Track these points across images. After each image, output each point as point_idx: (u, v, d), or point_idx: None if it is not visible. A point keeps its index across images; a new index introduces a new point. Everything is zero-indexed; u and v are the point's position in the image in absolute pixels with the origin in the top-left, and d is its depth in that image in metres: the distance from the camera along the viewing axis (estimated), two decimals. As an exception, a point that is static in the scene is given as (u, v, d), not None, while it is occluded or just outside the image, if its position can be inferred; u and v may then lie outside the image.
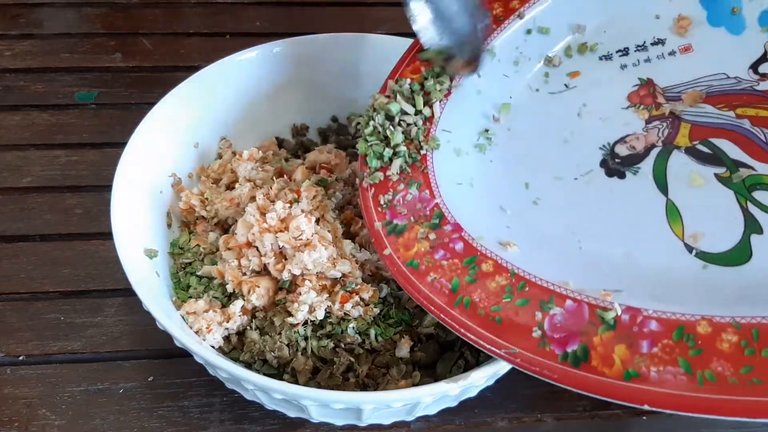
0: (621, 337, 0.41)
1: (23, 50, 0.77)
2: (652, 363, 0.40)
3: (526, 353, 0.42)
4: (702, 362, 0.39)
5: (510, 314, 0.44)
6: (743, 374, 0.38)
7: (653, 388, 0.39)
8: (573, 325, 0.42)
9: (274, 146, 0.62)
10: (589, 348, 0.41)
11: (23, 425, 0.50)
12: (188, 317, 0.49)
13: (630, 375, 0.40)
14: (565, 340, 0.42)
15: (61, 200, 0.64)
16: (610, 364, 0.41)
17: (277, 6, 0.85)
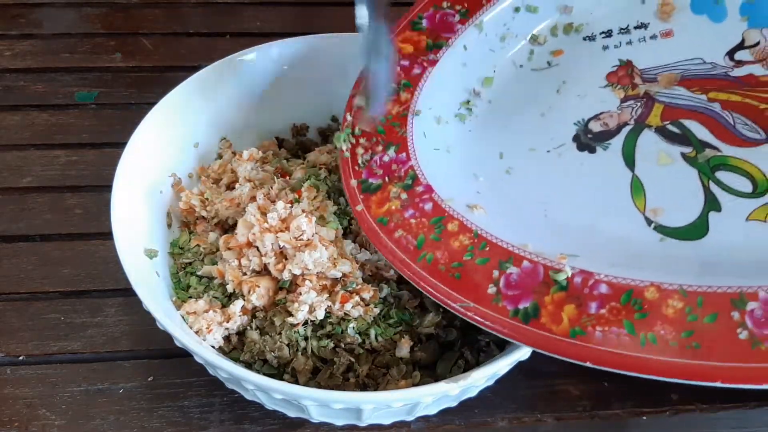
0: (571, 298, 0.43)
1: (23, 50, 0.77)
2: (598, 323, 0.42)
3: (480, 308, 0.44)
4: (646, 325, 0.41)
5: (469, 271, 0.46)
6: (684, 338, 0.40)
7: (597, 347, 0.41)
8: (527, 285, 0.44)
9: (274, 146, 0.62)
10: (539, 306, 0.43)
11: (23, 425, 0.50)
12: (188, 317, 0.49)
13: (576, 333, 0.42)
14: (518, 298, 0.44)
15: (61, 200, 0.64)
16: (558, 322, 0.42)
17: (277, 6, 0.85)
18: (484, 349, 0.49)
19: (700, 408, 0.53)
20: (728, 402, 0.53)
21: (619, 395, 0.53)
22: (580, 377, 0.54)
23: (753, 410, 0.53)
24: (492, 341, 0.50)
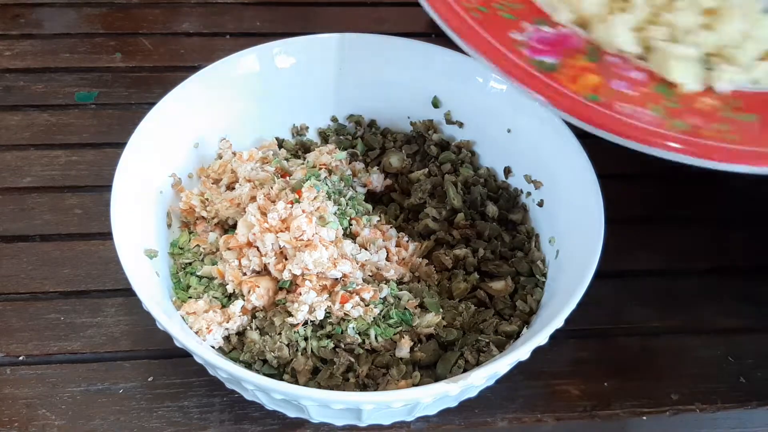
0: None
1: (23, 50, 0.77)
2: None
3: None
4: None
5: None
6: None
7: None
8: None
9: (274, 146, 0.62)
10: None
11: (23, 425, 0.50)
12: (188, 317, 0.49)
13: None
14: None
15: (61, 200, 0.64)
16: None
17: (277, 6, 0.85)
18: (483, 349, 0.49)
19: (700, 408, 0.53)
20: (728, 402, 0.53)
21: (619, 395, 0.53)
22: (580, 377, 0.54)
23: (753, 410, 0.53)
24: (492, 341, 0.50)
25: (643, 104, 0.43)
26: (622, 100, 0.43)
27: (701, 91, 0.43)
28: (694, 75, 0.43)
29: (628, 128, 0.42)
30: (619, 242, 0.52)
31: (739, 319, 0.58)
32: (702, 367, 0.55)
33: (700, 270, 0.61)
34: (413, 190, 0.59)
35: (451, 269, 0.54)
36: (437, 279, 0.54)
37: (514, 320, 0.51)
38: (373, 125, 0.65)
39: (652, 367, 0.55)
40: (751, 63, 0.43)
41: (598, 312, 0.57)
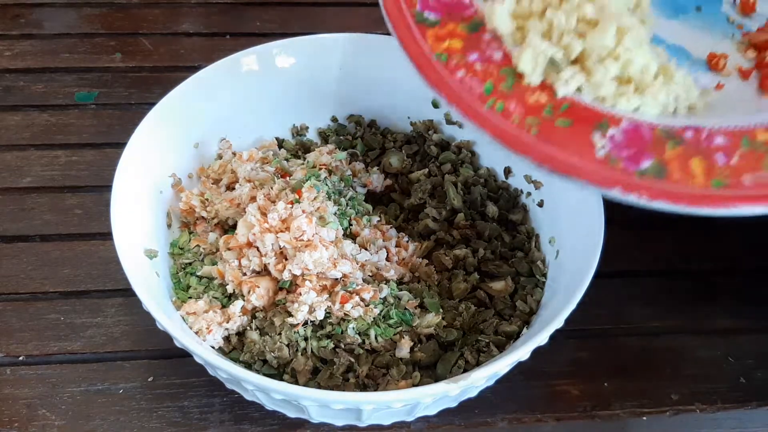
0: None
1: (23, 50, 0.77)
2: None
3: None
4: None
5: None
6: None
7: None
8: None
9: (274, 146, 0.62)
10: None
11: (23, 425, 0.50)
12: (188, 318, 0.49)
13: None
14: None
15: (60, 200, 0.64)
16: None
17: (276, 6, 0.85)
18: (483, 349, 0.49)
19: (700, 408, 0.53)
20: (729, 402, 0.53)
21: (619, 395, 0.53)
22: (580, 377, 0.54)
23: (753, 410, 0.53)
24: (492, 342, 0.50)
25: (482, 79, 0.44)
26: (466, 69, 0.44)
27: (539, 85, 0.45)
28: (538, 70, 0.44)
29: (450, 91, 0.43)
30: (619, 242, 0.52)
31: (739, 319, 0.58)
32: (702, 368, 0.55)
33: (701, 270, 0.61)
34: (413, 190, 0.59)
35: (451, 269, 0.54)
36: (437, 279, 0.54)
37: (514, 320, 0.51)
38: (373, 125, 0.65)
39: (652, 368, 0.55)
40: (604, 81, 0.44)
41: (598, 312, 0.57)
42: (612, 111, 0.44)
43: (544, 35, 0.46)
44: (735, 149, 0.41)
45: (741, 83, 0.48)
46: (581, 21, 0.45)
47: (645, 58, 0.45)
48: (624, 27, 0.44)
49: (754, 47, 0.50)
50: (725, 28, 0.51)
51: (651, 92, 0.44)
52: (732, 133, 0.42)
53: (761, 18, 0.52)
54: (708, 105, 0.46)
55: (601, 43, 0.44)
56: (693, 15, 0.51)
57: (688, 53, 0.50)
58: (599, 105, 0.44)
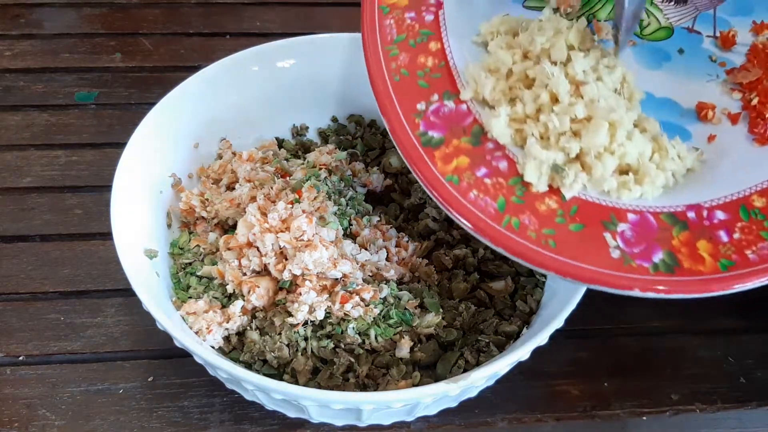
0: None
1: (23, 50, 0.77)
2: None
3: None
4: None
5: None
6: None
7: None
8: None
9: (274, 146, 0.62)
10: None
11: (23, 425, 0.50)
12: (188, 318, 0.49)
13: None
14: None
15: (60, 200, 0.64)
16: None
17: (277, 6, 0.85)
18: (483, 349, 0.49)
19: (700, 408, 0.53)
20: (729, 402, 0.53)
21: (619, 395, 0.53)
22: (580, 377, 0.54)
23: (753, 410, 0.53)
24: (492, 341, 0.50)
25: (494, 195, 0.46)
26: (477, 188, 0.47)
27: (548, 191, 0.47)
28: (543, 179, 0.47)
29: (470, 216, 0.46)
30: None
31: (739, 319, 0.58)
32: (702, 368, 0.55)
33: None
34: (413, 190, 0.59)
35: (451, 269, 0.54)
36: (437, 279, 0.54)
37: (514, 320, 0.51)
38: (373, 125, 0.65)
39: (652, 367, 0.55)
40: (605, 177, 0.47)
41: (598, 312, 0.57)
42: (617, 203, 0.47)
43: (542, 137, 0.48)
44: (735, 223, 0.45)
45: (732, 129, 0.51)
46: (574, 121, 0.47)
47: (639, 146, 0.47)
48: (615, 121, 0.47)
49: (738, 86, 0.52)
50: (709, 68, 0.53)
51: (649, 180, 0.47)
52: (730, 205, 0.46)
53: (742, 49, 0.53)
54: (704, 162, 0.49)
55: (595, 142, 0.46)
56: (676, 60, 0.53)
57: (677, 105, 0.52)
58: (605, 199, 0.47)
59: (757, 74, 0.51)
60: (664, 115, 0.51)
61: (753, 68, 0.52)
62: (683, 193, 0.47)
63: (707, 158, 0.49)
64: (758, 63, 0.52)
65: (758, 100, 0.50)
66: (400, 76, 0.50)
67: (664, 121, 0.50)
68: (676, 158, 0.48)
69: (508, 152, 0.48)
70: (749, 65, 0.52)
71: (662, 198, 0.47)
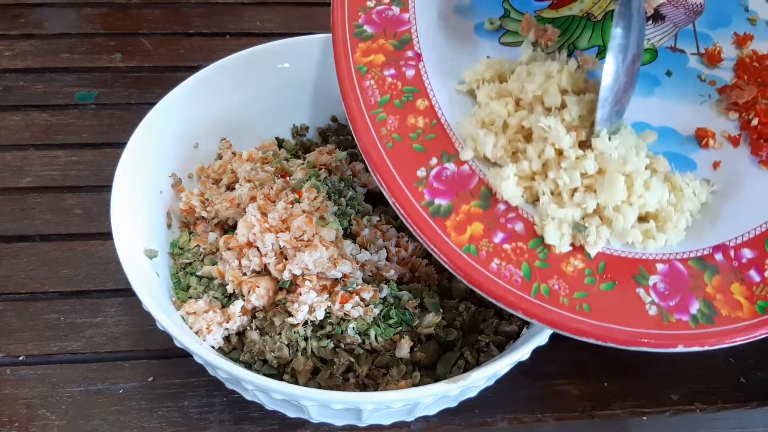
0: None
1: (23, 50, 0.77)
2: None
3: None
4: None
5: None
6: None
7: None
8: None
9: (274, 146, 0.62)
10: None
11: (23, 425, 0.50)
12: (188, 317, 0.49)
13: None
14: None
15: (60, 200, 0.64)
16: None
17: (277, 6, 0.85)
18: (484, 349, 0.49)
19: (700, 408, 0.53)
20: (729, 402, 0.53)
21: (619, 395, 0.53)
22: (580, 377, 0.54)
23: (753, 411, 0.53)
24: (492, 341, 0.50)
25: (516, 262, 0.44)
26: (498, 256, 0.44)
27: (571, 250, 0.45)
28: (565, 239, 0.45)
29: (497, 289, 0.43)
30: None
31: (739, 319, 0.58)
32: (702, 368, 0.55)
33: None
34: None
35: (451, 269, 0.54)
36: (437, 279, 0.54)
37: (514, 320, 0.51)
38: (373, 125, 0.65)
39: (652, 368, 0.55)
40: (627, 229, 0.45)
41: (598, 312, 0.57)
42: (644, 255, 0.45)
43: (553, 193, 0.46)
44: (764, 259, 0.44)
45: (734, 152, 0.49)
46: (585, 176, 0.46)
47: (657, 193, 0.46)
48: (631, 173, 0.45)
49: (735, 106, 0.51)
50: (699, 88, 0.52)
51: (672, 225, 0.46)
52: (754, 242, 0.45)
53: (728, 64, 0.52)
54: (715, 193, 0.48)
55: (614, 197, 0.45)
56: (665, 84, 0.52)
57: (676, 133, 0.51)
58: (631, 251, 0.45)
59: (751, 93, 0.50)
60: (665, 145, 0.49)
61: (746, 86, 0.51)
62: (706, 234, 0.46)
63: (718, 189, 0.48)
64: (749, 78, 0.51)
65: (758, 120, 0.49)
66: (392, 142, 0.47)
67: (667, 152, 0.49)
68: (692, 196, 0.47)
69: (522, 212, 0.46)
70: (740, 82, 0.51)
71: (686, 242, 0.46)
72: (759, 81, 0.51)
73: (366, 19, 0.50)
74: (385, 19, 0.50)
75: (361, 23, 0.50)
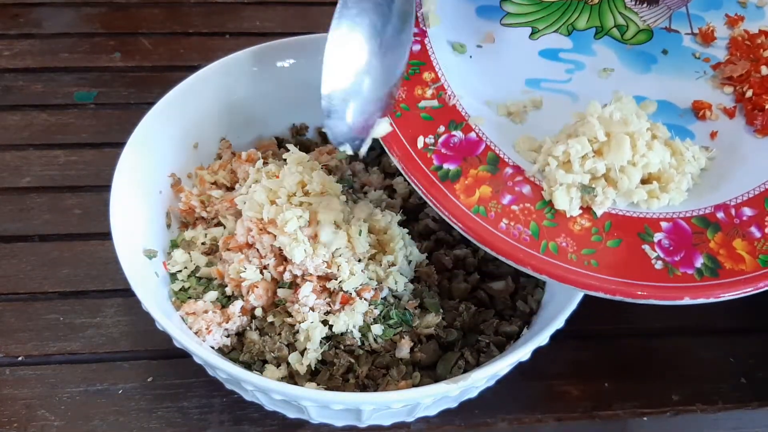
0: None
1: (22, 50, 0.77)
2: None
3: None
4: None
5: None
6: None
7: None
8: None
9: (274, 146, 0.62)
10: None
11: (22, 426, 0.50)
12: (187, 318, 0.49)
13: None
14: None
15: (60, 200, 0.64)
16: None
17: (277, 6, 0.85)
18: (484, 349, 0.49)
19: (700, 408, 0.53)
20: (729, 403, 0.53)
21: (619, 396, 0.53)
22: (580, 378, 0.54)
23: (754, 411, 0.53)
24: (492, 342, 0.49)
25: (525, 222, 0.46)
26: (507, 216, 0.46)
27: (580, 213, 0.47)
28: (575, 203, 0.46)
29: (506, 247, 0.45)
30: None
31: (740, 319, 0.58)
32: (703, 368, 0.55)
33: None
34: (413, 190, 0.59)
35: (451, 269, 0.54)
36: (437, 279, 0.54)
37: (514, 320, 0.51)
38: (373, 125, 0.65)
39: (653, 368, 0.55)
40: (632, 188, 0.47)
41: (598, 312, 0.56)
42: (648, 214, 0.47)
43: (566, 160, 0.47)
44: (764, 217, 0.46)
45: (730, 123, 0.51)
46: (594, 142, 0.47)
47: (659, 154, 0.47)
48: (633, 132, 0.47)
49: (729, 80, 0.52)
50: (694, 65, 0.54)
51: (674, 186, 0.47)
52: (754, 201, 0.47)
53: (722, 43, 0.54)
54: (714, 159, 0.50)
55: (620, 157, 0.46)
56: (662, 62, 0.54)
57: (674, 106, 0.52)
58: (635, 210, 0.47)
59: (745, 66, 0.52)
60: (664, 117, 0.51)
61: (739, 61, 0.53)
62: (707, 195, 0.48)
63: (716, 155, 0.50)
64: (741, 55, 0.53)
65: (753, 92, 0.51)
66: (401, 112, 0.49)
67: (666, 123, 0.50)
68: (692, 160, 0.49)
69: (529, 176, 0.48)
70: (734, 58, 0.53)
71: (688, 202, 0.47)
72: (751, 57, 0.53)
73: (439, 158, 0.50)
74: (456, 147, 0.50)
75: (438, 163, 0.50)
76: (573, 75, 0.53)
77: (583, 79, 0.53)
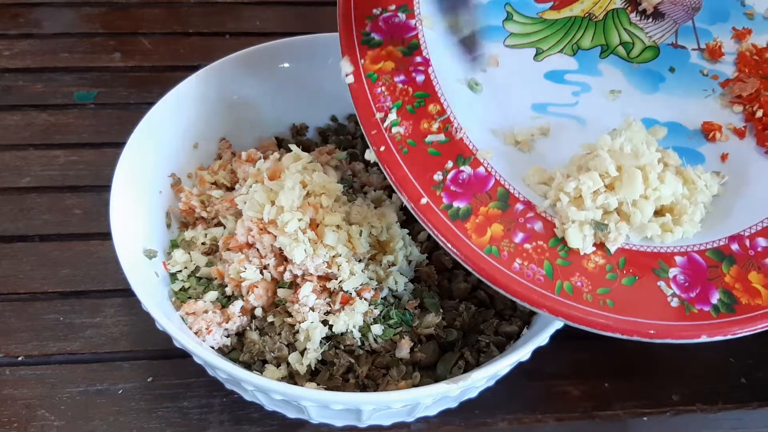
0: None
1: (22, 50, 0.77)
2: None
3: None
4: None
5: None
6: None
7: None
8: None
9: (274, 146, 0.62)
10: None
11: (22, 426, 0.50)
12: (187, 318, 0.49)
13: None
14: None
15: (60, 200, 0.64)
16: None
17: (276, 6, 0.85)
18: (484, 349, 0.49)
19: (700, 408, 0.53)
20: (729, 403, 0.53)
21: (619, 396, 0.53)
22: (580, 378, 0.54)
23: (754, 411, 0.53)
24: (492, 342, 0.49)
25: (538, 261, 0.45)
26: (520, 256, 0.45)
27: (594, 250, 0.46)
28: (588, 240, 0.46)
29: (521, 289, 0.44)
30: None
31: (740, 319, 0.58)
32: (703, 368, 0.55)
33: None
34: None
35: (452, 269, 0.54)
36: (437, 279, 0.54)
37: (514, 320, 0.51)
38: (373, 125, 0.65)
39: (653, 368, 0.55)
40: (645, 222, 0.46)
41: (598, 312, 0.57)
42: (662, 248, 0.46)
43: (577, 196, 0.46)
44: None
45: (741, 144, 0.50)
46: (605, 177, 0.46)
47: (671, 185, 0.46)
48: (645, 165, 0.46)
49: (738, 99, 0.51)
50: (702, 83, 0.53)
51: (687, 218, 0.46)
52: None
53: (729, 58, 0.53)
54: (726, 185, 0.49)
55: (633, 192, 0.45)
56: (670, 80, 0.53)
57: (684, 127, 0.51)
58: (649, 245, 0.46)
59: (754, 85, 0.51)
60: (674, 140, 0.50)
61: (748, 79, 0.52)
62: (720, 225, 0.47)
63: (728, 180, 0.49)
64: (750, 71, 0.52)
65: (763, 112, 0.50)
66: (407, 148, 0.47)
67: (676, 146, 0.49)
68: (704, 188, 0.48)
69: (540, 211, 0.47)
70: (742, 75, 0.52)
71: (702, 234, 0.47)
72: (760, 73, 0.52)
73: (373, 27, 0.50)
74: (392, 26, 0.50)
75: (369, 31, 0.50)
76: (579, 98, 0.52)
77: (590, 102, 0.52)
